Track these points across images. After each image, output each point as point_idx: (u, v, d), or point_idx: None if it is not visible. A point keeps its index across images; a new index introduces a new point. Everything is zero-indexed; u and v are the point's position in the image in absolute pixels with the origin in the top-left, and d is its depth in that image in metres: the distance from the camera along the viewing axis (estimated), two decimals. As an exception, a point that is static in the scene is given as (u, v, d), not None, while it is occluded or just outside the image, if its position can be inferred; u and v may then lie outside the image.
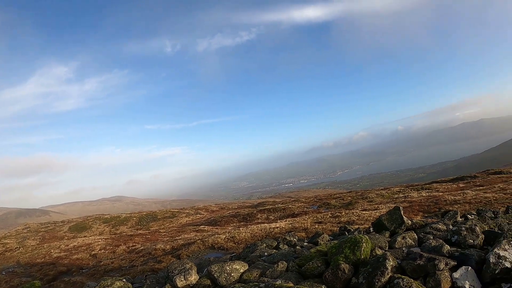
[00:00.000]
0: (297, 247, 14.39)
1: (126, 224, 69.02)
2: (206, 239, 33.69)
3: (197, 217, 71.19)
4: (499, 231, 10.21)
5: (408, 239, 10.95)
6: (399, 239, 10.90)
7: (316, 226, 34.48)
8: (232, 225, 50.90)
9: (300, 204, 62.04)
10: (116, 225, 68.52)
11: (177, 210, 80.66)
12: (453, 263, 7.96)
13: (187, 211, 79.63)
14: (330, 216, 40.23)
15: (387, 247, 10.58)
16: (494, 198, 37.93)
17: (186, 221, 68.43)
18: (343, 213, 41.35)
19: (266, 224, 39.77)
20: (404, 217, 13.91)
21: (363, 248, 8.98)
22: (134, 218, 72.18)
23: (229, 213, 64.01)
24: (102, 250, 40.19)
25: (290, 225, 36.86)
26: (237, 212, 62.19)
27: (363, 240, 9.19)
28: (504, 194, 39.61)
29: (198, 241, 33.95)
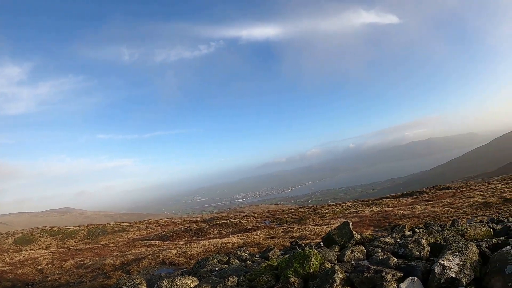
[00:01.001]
0: (248, 261, 14.39)
1: (75, 238, 67.00)
2: (157, 254, 33.10)
3: (148, 232, 70.08)
4: (444, 243, 10.52)
5: (357, 252, 11.14)
6: (348, 252, 11.07)
7: (269, 241, 34.50)
8: (184, 240, 50.34)
9: (252, 219, 62.08)
10: (64, 239, 66.36)
11: (127, 224, 79.12)
12: (399, 274, 8.11)
13: (138, 225, 78.30)
14: (282, 231, 40.39)
15: (336, 261, 10.71)
16: (442, 212, 39.15)
17: (137, 235, 67.21)
18: (295, 228, 41.59)
19: (218, 239, 39.49)
20: (353, 231, 14.14)
21: (312, 262, 9.06)
22: (83, 232, 70.16)
23: (181, 227, 63.21)
24: (49, 265, 38.82)
25: (242, 240, 36.73)
26: (189, 226, 61.53)
27: (312, 254, 9.28)
28: (451, 208, 40.87)
29: (149, 256, 33.29)
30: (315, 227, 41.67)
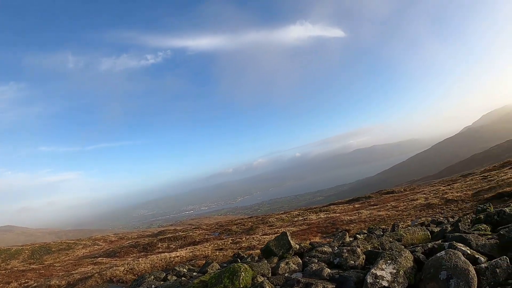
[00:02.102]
0: (183, 277, 14.17)
1: (18, 258, 64.19)
2: (104, 272, 32.22)
3: (95, 249, 68.30)
4: (380, 250, 10.64)
5: (292, 264, 11.07)
6: (282, 264, 10.97)
7: (217, 253, 34.30)
8: (131, 256, 49.36)
9: (201, 231, 61.57)
10: (6, 259, 63.47)
11: (73, 242, 76.80)
12: (331, 286, 8.12)
13: (84, 242, 76.20)
14: (231, 242, 40.25)
15: (270, 274, 10.57)
16: (387, 215, 40.10)
17: (83, 253, 65.31)
18: (244, 238, 41.55)
19: (166, 254, 38.89)
20: (291, 242, 14.20)
21: (242, 277, 8.92)
22: (27, 251, 67.34)
23: (129, 243, 61.96)
24: (-9, 289, 37.51)
25: (190, 254, 36.35)
26: (137, 242, 60.38)
27: (242, 269, 9.13)
28: (396, 211, 41.90)
29: (95, 274, 32.35)
30: (264, 236, 41.80)
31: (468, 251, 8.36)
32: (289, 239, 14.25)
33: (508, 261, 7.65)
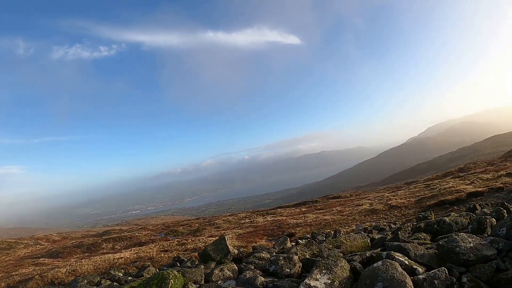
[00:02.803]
0: (115, 283, 13.83)
1: (-49, 258, 61.78)
2: (45, 274, 31.18)
3: (37, 248, 66.19)
4: (317, 258, 10.68)
5: (227, 271, 10.86)
6: (216, 271, 10.73)
7: (162, 255, 33.90)
8: (75, 256, 48.07)
9: (147, 232, 60.77)
10: None
11: (14, 241, 74.21)
12: None
13: (26, 241, 73.74)
14: (176, 244, 39.89)
15: (203, 281, 10.33)
16: (333, 219, 40.67)
17: (25, 253, 63.09)
18: (190, 240, 41.26)
19: (111, 255, 38.10)
20: (229, 246, 14.12)
21: (170, 285, 8.63)
22: (-39, 251, 64.94)
23: (72, 243, 60.30)
24: None
25: (135, 255, 35.75)
26: (81, 242, 58.87)
27: (171, 276, 8.86)
28: (341, 216, 42.56)
29: (36, 276, 31.22)
30: (210, 238, 41.62)
31: (406, 262, 8.41)
32: (227, 243, 14.17)
33: (447, 272, 7.73)
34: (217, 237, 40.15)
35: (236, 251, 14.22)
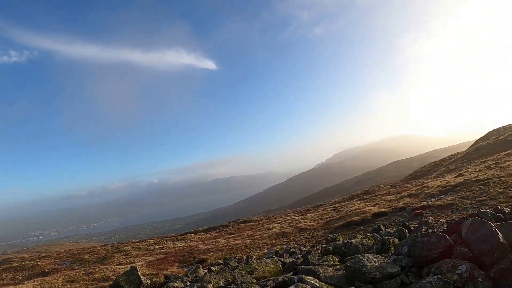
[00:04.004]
0: None
1: None
2: None
3: None
4: (231, 285, 10.80)
5: None
6: None
7: (68, 286, 32.49)
8: (-31, 289, 45.11)
9: (51, 260, 57.95)
10: None
11: None
12: None
13: None
14: (83, 273, 38.29)
15: None
16: (244, 244, 40.82)
17: None
18: (97, 269, 39.78)
19: (12, 286, 36.19)
20: (141, 277, 13.93)
21: None
22: None
23: (-34, 275, 56.56)
24: None
25: (39, 286, 34.12)
26: (-23, 273, 55.36)
27: None
28: (252, 240, 42.82)
29: None
30: (119, 266, 40.36)
31: (317, 284, 8.79)
32: (139, 274, 13.92)
33: (355, 291, 8.23)
34: (126, 265, 39.17)
35: (148, 281, 13.97)
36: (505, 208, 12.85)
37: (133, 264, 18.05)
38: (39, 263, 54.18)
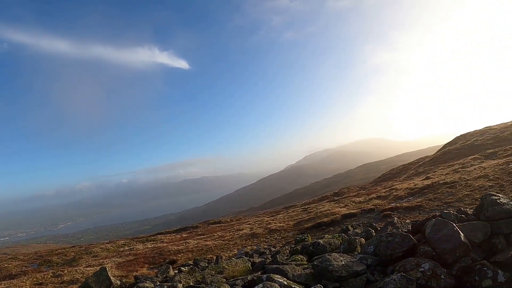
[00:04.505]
0: None
1: None
2: None
3: None
4: (201, 285, 10.98)
5: None
6: None
7: (36, 288, 32.18)
8: None
9: (18, 262, 56.93)
10: None
11: None
12: None
13: None
14: (51, 276, 37.78)
15: None
16: (214, 245, 40.83)
17: None
18: (66, 271, 39.26)
19: (-23, 290, 35.51)
20: (111, 277, 13.92)
21: None
22: None
23: None
24: None
25: (5, 290, 33.60)
26: None
27: None
28: (223, 240, 42.88)
29: None
30: (88, 268, 39.93)
31: (285, 282, 9.04)
32: (109, 274, 13.93)
33: (322, 288, 8.52)
34: (96, 267, 38.82)
35: (118, 282, 13.99)
36: (468, 210, 13.26)
37: (103, 266, 18.07)
38: (5, 265, 53.16)
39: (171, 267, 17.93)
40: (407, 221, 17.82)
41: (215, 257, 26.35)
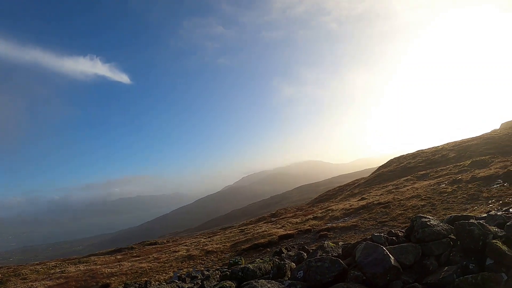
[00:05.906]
0: None
1: None
2: None
3: None
4: None
5: None
6: None
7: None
8: None
9: None
10: None
11: None
12: None
13: None
14: (-27, 301, 36.31)
15: None
16: (149, 267, 40.11)
17: None
18: (-9, 296, 37.88)
19: None
20: None
21: None
22: None
23: None
24: None
25: None
26: None
27: None
28: (158, 263, 42.19)
29: None
30: (15, 292, 38.57)
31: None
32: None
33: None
34: (24, 291, 37.33)
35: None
36: (398, 232, 13.61)
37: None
38: None
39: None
40: (340, 243, 18.09)
41: (144, 282, 25.91)
